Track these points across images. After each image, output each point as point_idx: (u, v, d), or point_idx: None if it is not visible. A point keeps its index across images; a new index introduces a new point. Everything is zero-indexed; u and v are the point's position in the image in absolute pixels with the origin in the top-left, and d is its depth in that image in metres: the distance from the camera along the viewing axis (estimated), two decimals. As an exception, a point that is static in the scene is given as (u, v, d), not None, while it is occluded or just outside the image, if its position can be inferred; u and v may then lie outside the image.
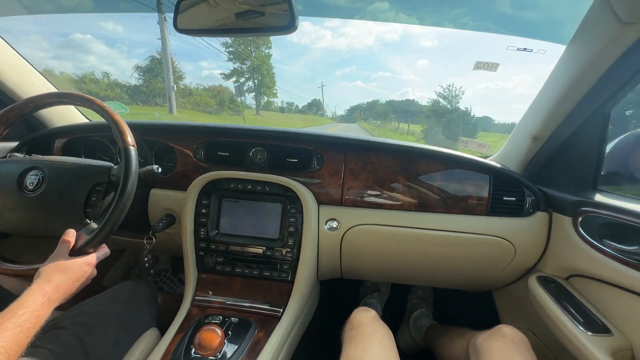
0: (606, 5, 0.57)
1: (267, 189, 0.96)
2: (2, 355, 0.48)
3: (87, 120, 1.28)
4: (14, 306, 0.54)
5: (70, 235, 0.71)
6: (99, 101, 0.82)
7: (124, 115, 0.83)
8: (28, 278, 0.67)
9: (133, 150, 0.78)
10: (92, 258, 0.70)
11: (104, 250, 0.76)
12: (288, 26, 0.71)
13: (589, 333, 0.71)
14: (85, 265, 0.68)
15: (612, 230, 0.76)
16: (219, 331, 0.72)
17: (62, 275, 0.64)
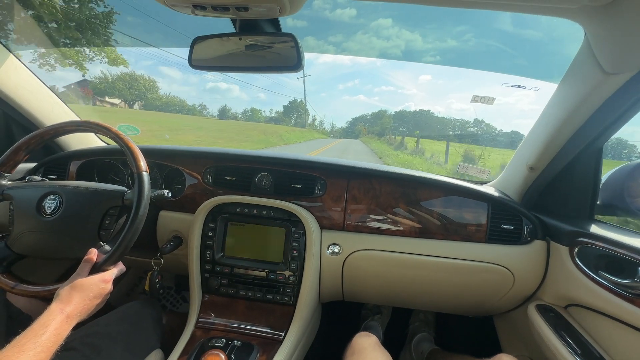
0: (590, 56, 0.61)
1: (272, 213, 0.99)
2: None
3: (101, 144, 1.34)
4: (35, 325, 0.58)
5: (93, 254, 0.74)
6: (114, 129, 0.87)
7: (135, 136, 0.88)
8: (44, 299, 0.70)
9: (146, 176, 0.82)
10: (108, 275, 0.74)
11: (120, 267, 0.79)
12: (295, 65, 0.76)
13: None
14: (102, 282, 0.71)
15: (607, 262, 0.78)
16: (222, 356, 0.74)
17: (81, 294, 0.67)
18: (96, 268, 0.74)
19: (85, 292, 0.68)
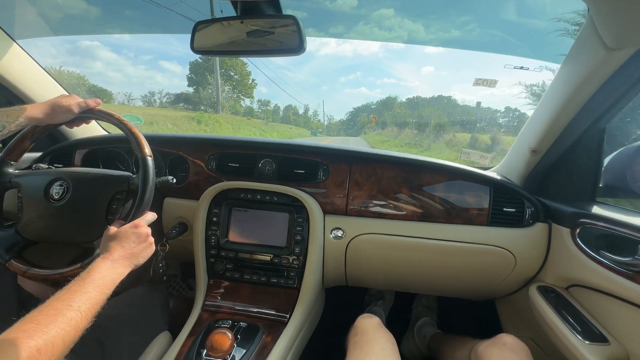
0: (594, 32, 0.61)
1: (275, 199, 1.00)
2: (77, 313, 0.53)
3: (105, 132, 1.35)
4: (82, 274, 0.60)
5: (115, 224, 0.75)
6: (117, 115, 0.88)
7: (138, 126, 0.88)
8: (55, 283, 0.72)
9: (150, 161, 0.83)
10: (137, 220, 0.74)
11: (148, 215, 0.78)
12: (297, 48, 0.76)
13: (587, 342, 0.73)
14: (133, 228, 0.71)
15: (608, 242, 0.79)
16: (229, 334, 0.76)
17: (116, 240, 0.68)
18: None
19: (120, 238, 0.69)
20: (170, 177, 0.92)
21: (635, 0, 0.51)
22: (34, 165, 1.00)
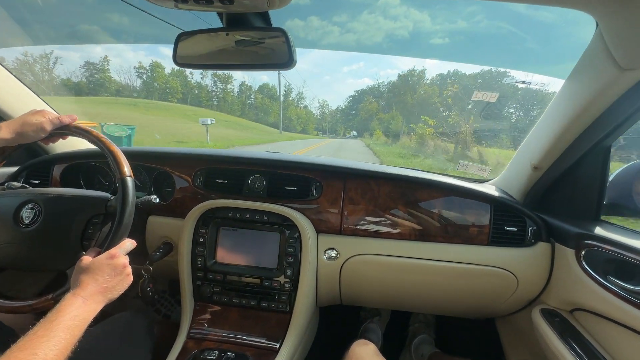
0: (603, 50, 0.57)
1: (266, 218, 0.95)
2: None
3: (87, 146, 1.28)
4: (49, 315, 0.54)
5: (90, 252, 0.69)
6: (95, 132, 0.82)
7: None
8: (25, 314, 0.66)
9: (130, 181, 0.77)
10: (114, 250, 0.68)
11: (126, 243, 0.72)
12: (286, 63, 0.71)
13: None
14: (108, 259, 0.65)
15: (616, 267, 0.75)
16: None
17: (89, 274, 0.62)
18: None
19: (93, 271, 0.63)
20: (153, 197, 0.87)
21: None
22: (7, 184, 0.93)
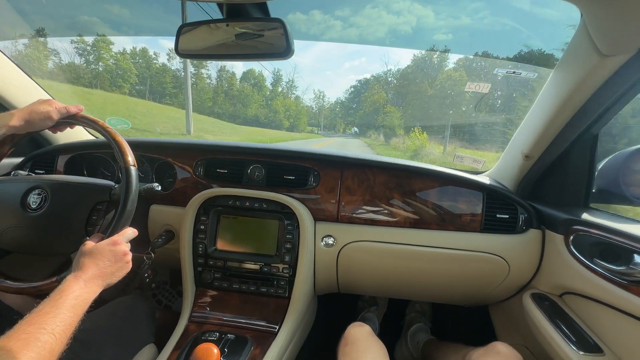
0: (587, 38, 0.59)
1: (265, 206, 0.98)
2: (52, 336, 0.50)
3: (90, 137, 1.31)
4: (52, 294, 0.57)
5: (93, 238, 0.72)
6: (101, 122, 0.84)
7: (125, 130, 0.85)
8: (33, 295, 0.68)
9: (134, 170, 0.80)
10: (116, 237, 0.70)
11: (128, 231, 0.74)
12: (284, 52, 0.74)
13: (581, 352, 0.72)
14: (111, 245, 0.67)
15: (602, 250, 0.78)
16: (214, 349, 0.73)
17: (91, 258, 0.65)
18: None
19: (95, 256, 0.65)
20: (155, 185, 0.89)
21: (630, 4, 0.50)
22: (13, 172, 0.96)
